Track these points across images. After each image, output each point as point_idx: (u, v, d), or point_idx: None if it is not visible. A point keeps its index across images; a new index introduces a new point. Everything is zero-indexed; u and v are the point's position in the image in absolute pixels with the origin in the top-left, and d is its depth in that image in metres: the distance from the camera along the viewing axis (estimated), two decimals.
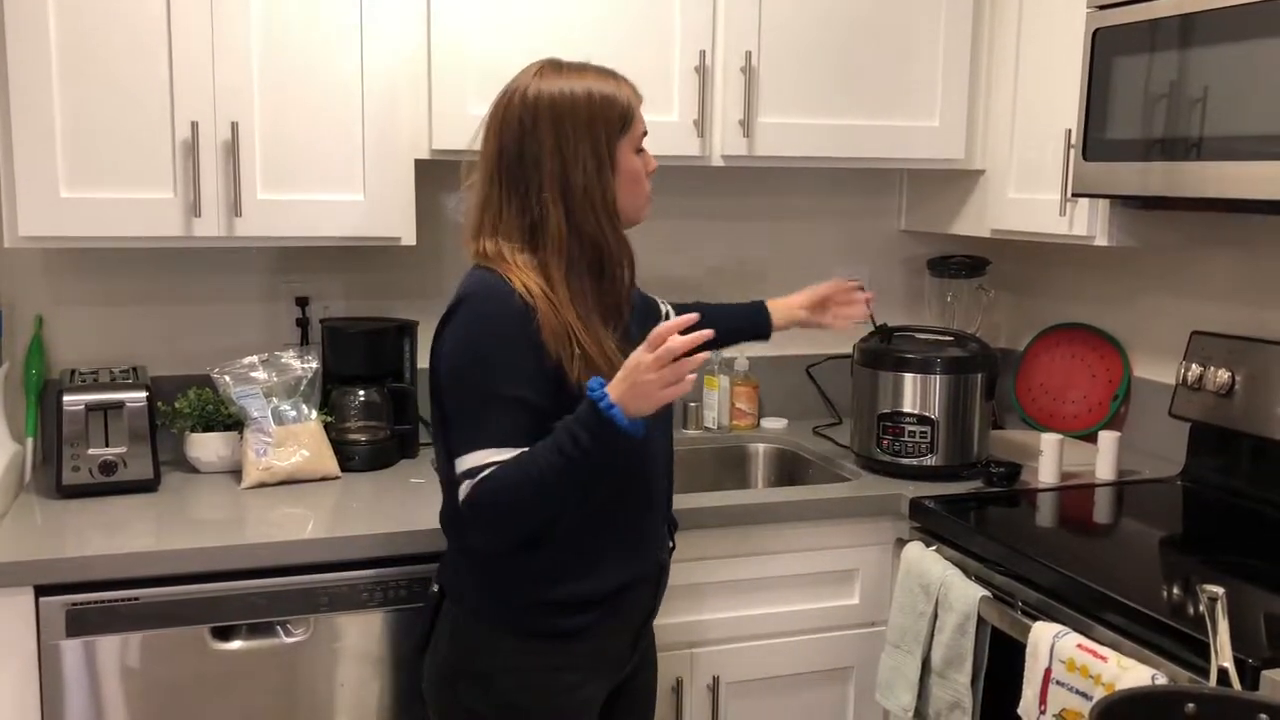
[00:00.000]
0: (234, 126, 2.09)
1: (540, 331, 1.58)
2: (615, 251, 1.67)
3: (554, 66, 1.68)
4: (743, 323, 2.21)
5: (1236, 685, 1.28)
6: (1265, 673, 1.47)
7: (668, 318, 2.01)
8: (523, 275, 1.61)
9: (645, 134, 1.71)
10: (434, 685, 1.74)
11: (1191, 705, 1.20)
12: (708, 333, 1.51)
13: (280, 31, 2.12)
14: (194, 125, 2.07)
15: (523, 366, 1.58)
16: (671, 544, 1.88)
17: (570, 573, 1.66)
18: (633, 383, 1.50)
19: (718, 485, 2.63)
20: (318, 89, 2.15)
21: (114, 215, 2.07)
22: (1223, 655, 1.29)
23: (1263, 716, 1.18)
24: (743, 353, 2.78)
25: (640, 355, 1.50)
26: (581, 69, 1.68)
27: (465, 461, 1.59)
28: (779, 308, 2.23)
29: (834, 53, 2.45)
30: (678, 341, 1.48)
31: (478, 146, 1.71)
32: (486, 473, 1.56)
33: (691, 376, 1.51)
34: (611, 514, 1.69)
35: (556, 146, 1.62)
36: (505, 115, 1.66)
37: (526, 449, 1.56)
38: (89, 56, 2.02)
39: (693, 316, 1.52)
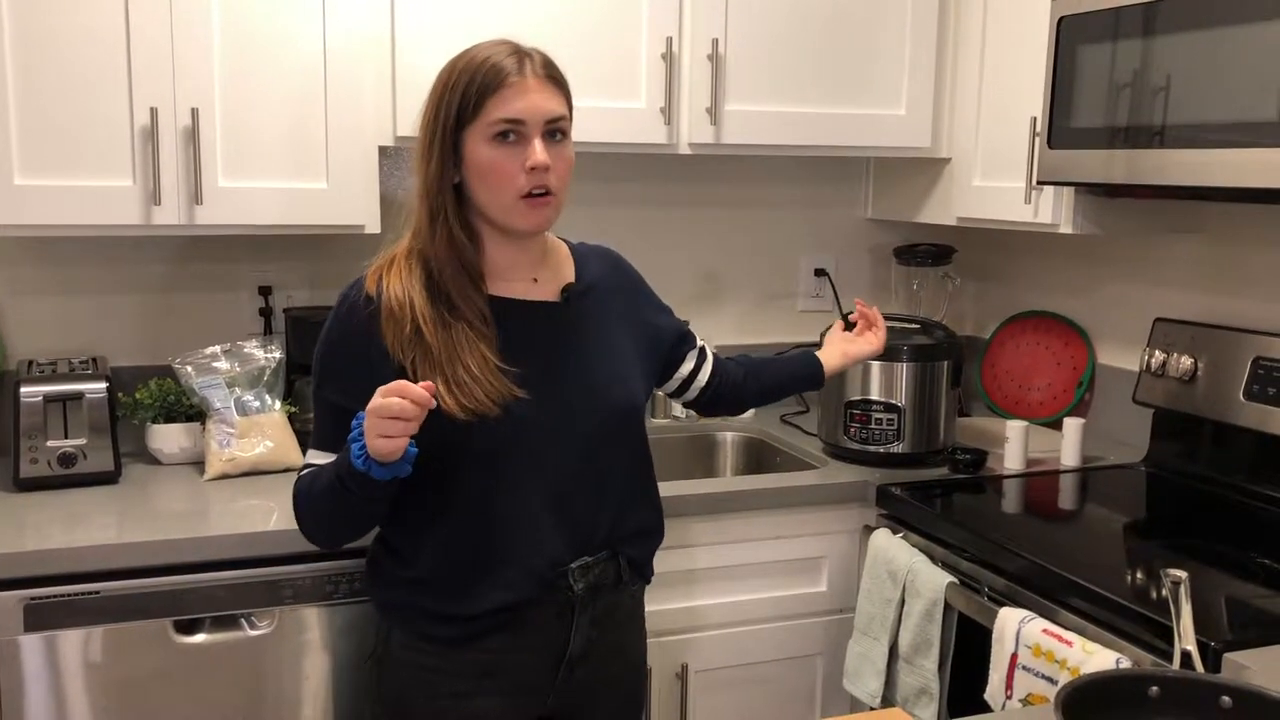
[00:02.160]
0: (194, 113, 2.06)
1: (380, 323, 1.54)
2: (433, 248, 1.57)
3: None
4: (795, 366, 2.07)
5: (1199, 668, 1.29)
6: (1227, 655, 1.49)
7: (700, 354, 1.95)
8: (390, 274, 1.58)
9: (513, 121, 1.53)
10: (367, 665, 1.76)
11: (1155, 688, 1.21)
12: (425, 400, 1.40)
13: (242, 16, 2.08)
14: (153, 111, 2.04)
15: (349, 371, 1.56)
16: (624, 578, 1.70)
17: (432, 585, 1.62)
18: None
19: (686, 474, 2.63)
20: (280, 75, 2.12)
21: (71, 203, 2.03)
22: (1186, 639, 1.30)
23: (1225, 698, 1.19)
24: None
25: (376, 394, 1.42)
26: (480, 44, 1.58)
27: (306, 457, 1.64)
28: (824, 352, 2.10)
29: (801, 40, 2.45)
30: (381, 402, 1.39)
31: None
32: (301, 473, 1.61)
33: (400, 441, 1.41)
34: (472, 535, 1.60)
35: (420, 131, 1.59)
36: None
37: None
38: (44, 40, 1.98)
39: (429, 384, 1.41)
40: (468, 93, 1.53)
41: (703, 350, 1.98)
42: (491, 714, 1.64)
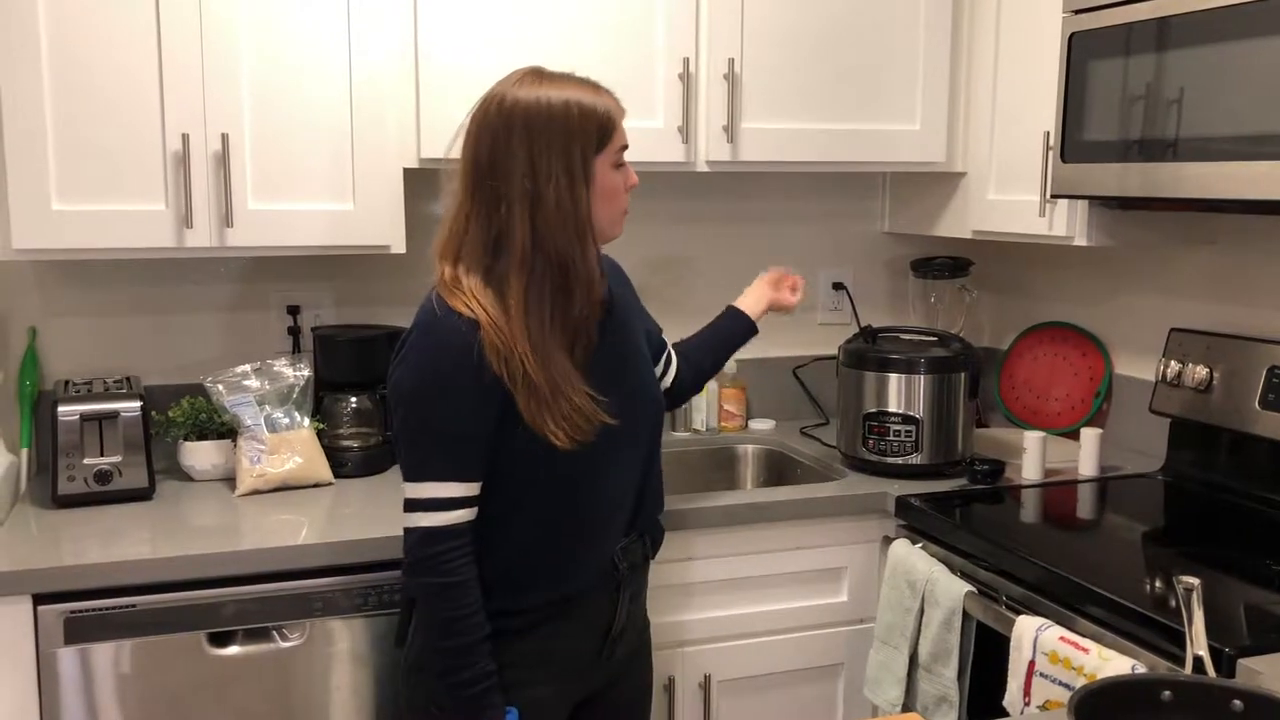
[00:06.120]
0: (224, 138, 2.11)
1: (484, 351, 1.56)
2: (581, 271, 1.62)
3: (535, 75, 1.64)
4: (730, 330, 2.17)
5: (1211, 672, 1.31)
6: (1242, 661, 1.51)
7: (667, 360, 2.02)
8: (470, 299, 1.59)
9: (625, 148, 1.67)
10: (402, 676, 1.78)
11: (1168, 692, 1.23)
12: None
13: (269, 43, 2.14)
14: (185, 137, 2.09)
15: (466, 401, 1.59)
16: (649, 555, 1.86)
17: (503, 586, 1.66)
18: None
19: (708, 486, 2.66)
20: (307, 100, 2.17)
21: (106, 227, 2.08)
22: (1198, 644, 1.32)
23: (1236, 702, 1.21)
24: (732, 357, 2.80)
25: None
26: (563, 79, 1.64)
27: (415, 489, 1.62)
28: (747, 301, 2.20)
29: (816, 58, 2.49)
30: None
31: (457, 154, 1.69)
32: (449, 559, 1.60)
33: None
34: (545, 536, 1.68)
35: (529, 158, 1.58)
36: (481, 124, 1.63)
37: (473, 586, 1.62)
38: (80, 70, 2.04)
39: None
40: (600, 122, 1.63)
41: (669, 354, 2.05)
42: (545, 702, 1.71)
